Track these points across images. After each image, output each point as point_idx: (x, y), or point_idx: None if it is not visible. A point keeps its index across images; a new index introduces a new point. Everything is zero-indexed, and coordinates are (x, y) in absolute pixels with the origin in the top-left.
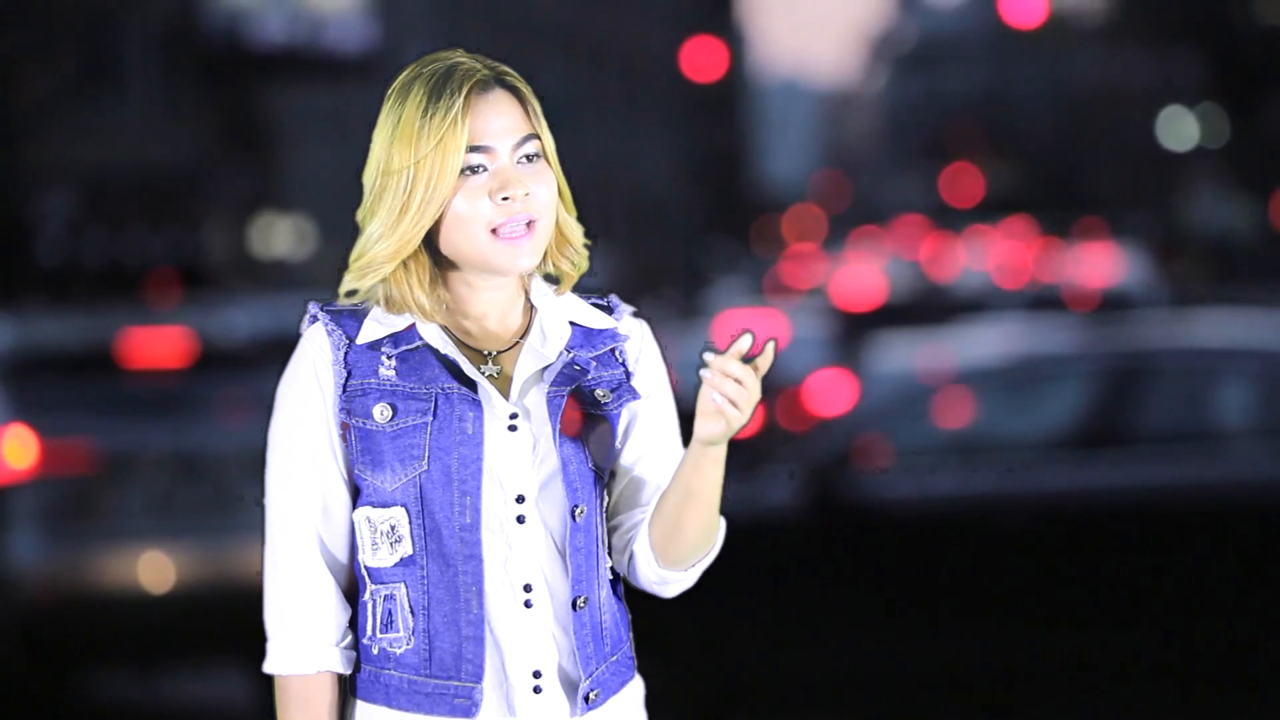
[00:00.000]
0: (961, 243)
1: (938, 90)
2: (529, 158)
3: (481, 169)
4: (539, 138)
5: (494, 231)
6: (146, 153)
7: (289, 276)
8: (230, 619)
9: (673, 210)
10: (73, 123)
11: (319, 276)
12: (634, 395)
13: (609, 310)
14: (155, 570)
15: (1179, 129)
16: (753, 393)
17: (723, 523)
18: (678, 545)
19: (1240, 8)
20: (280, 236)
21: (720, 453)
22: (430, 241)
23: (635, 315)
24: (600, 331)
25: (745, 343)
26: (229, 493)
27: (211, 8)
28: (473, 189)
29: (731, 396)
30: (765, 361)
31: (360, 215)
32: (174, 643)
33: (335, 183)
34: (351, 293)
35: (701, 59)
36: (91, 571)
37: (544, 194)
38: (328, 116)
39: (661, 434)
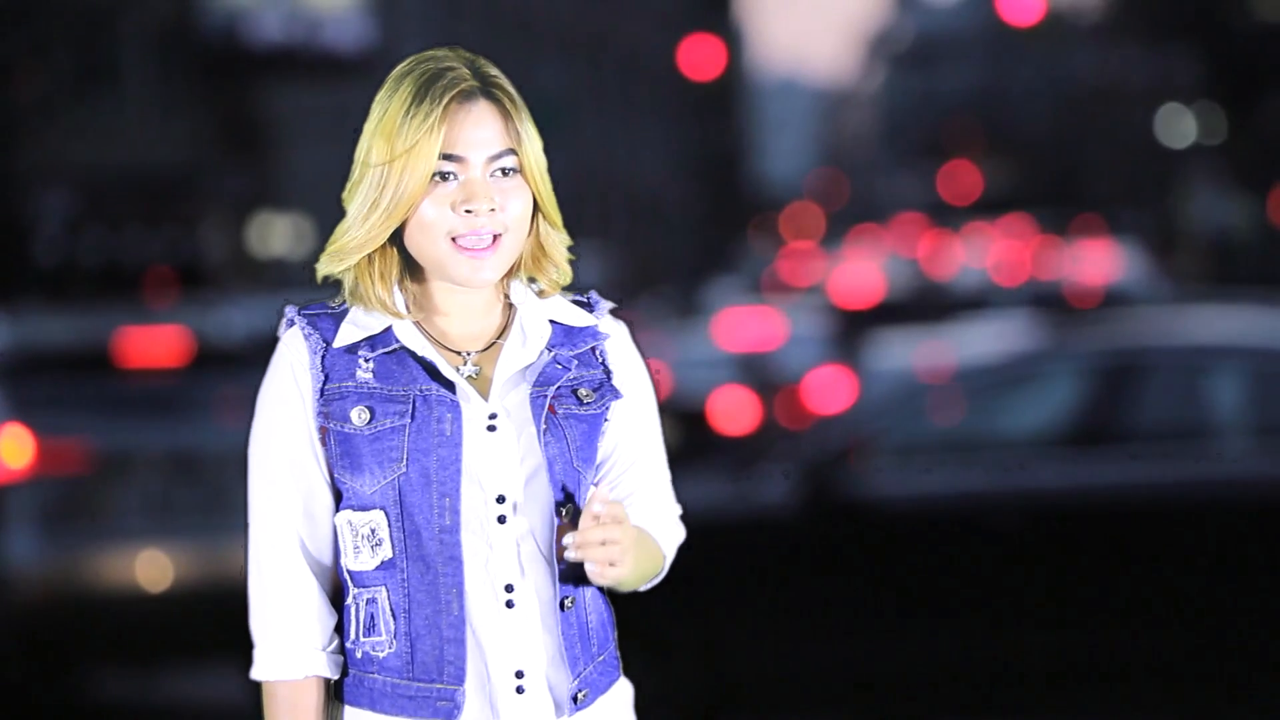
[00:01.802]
0: (959, 240)
1: (935, 88)
2: (504, 171)
3: (451, 177)
4: (517, 153)
5: (454, 240)
6: (144, 152)
7: (287, 276)
8: (227, 617)
9: (670, 208)
10: (70, 122)
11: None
12: (616, 395)
13: (589, 307)
14: (152, 569)
15: (1177, 126)
16: (624, 542)
17: (664, 550)
18: (623, 589)
19: (1238, 5)
20: (278, 235)
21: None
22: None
23: (614, 313)
24: (581, 330)
25: (596, 507)
26: (225, 492)
27: (209, 7)
28: (440, 196)
29: (603, 559)
30: (615, 508)
31: (344, 196)
32: (171, 641)
33: (333, 182)
34: (325, 281)
35: (699, 57)
36: (88, 571)
37: (515, 208)
38: (325, 115)
39: (641, 440)
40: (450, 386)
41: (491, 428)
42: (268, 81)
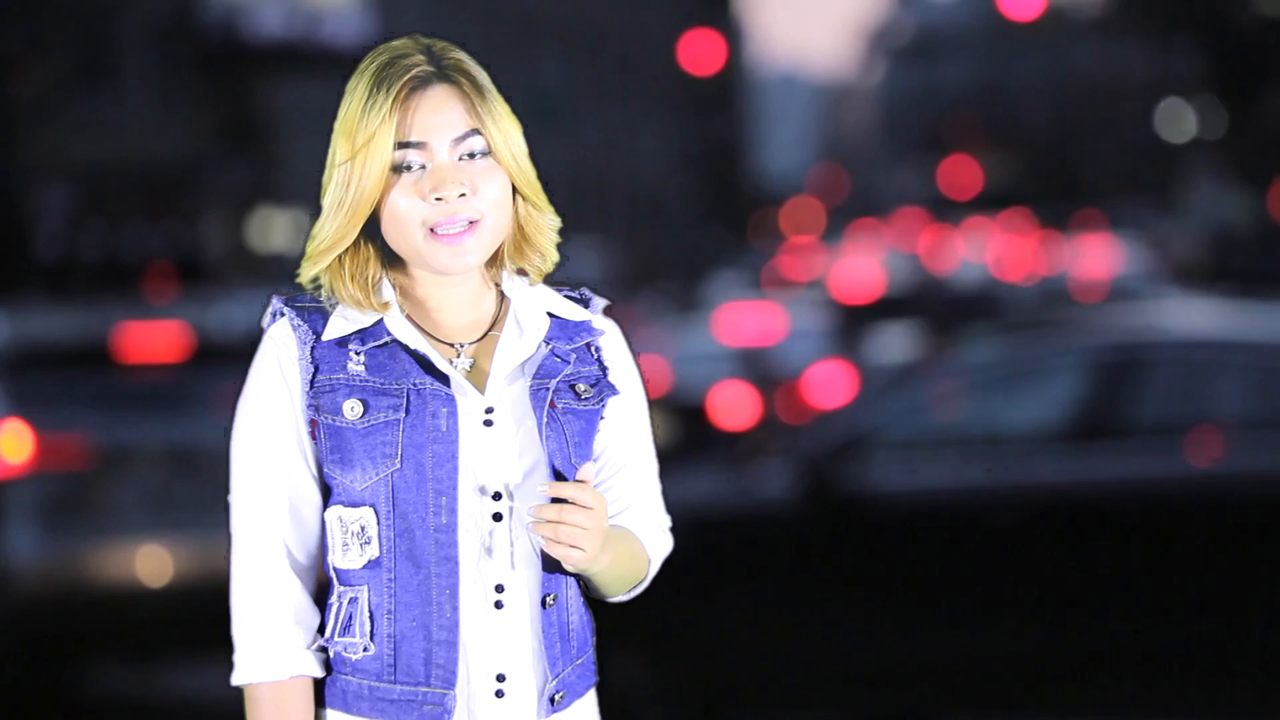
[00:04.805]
0: (960, 235)
1: (935, 83)
2: (472, 155)
3: (418, 166)
4: (483, 133)
5: (432, 230)
6: (144, 147)
7: (286, 270)
8: (227, 612)
9: (671, 203)
10: (70, 117)
11: None
12: (614, 391)
13: (583, 303)
14: (152, 564)
15: (1177, 121)
16: (590, 529)
17: (650, 555)
18: (607, 595)
19: (1238, 0)
20: (278, 230)
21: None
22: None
23: (607, 313)
24: (576, 324)
25: (566, 490)
26: (225, 487)
27: (208, 2)
28: (408, 187)
29: (551, 537)
30: (585, 494)
31: (321, 198)
32: (171, 636)
33: None
34: (314, 284)
35: (699, 52)
36: (88, 566)
37: (490, 191)
38: (325, 110)
39: (632, 444)
40: (444, 380)
41: (488, 423)
42: (267, 76)
